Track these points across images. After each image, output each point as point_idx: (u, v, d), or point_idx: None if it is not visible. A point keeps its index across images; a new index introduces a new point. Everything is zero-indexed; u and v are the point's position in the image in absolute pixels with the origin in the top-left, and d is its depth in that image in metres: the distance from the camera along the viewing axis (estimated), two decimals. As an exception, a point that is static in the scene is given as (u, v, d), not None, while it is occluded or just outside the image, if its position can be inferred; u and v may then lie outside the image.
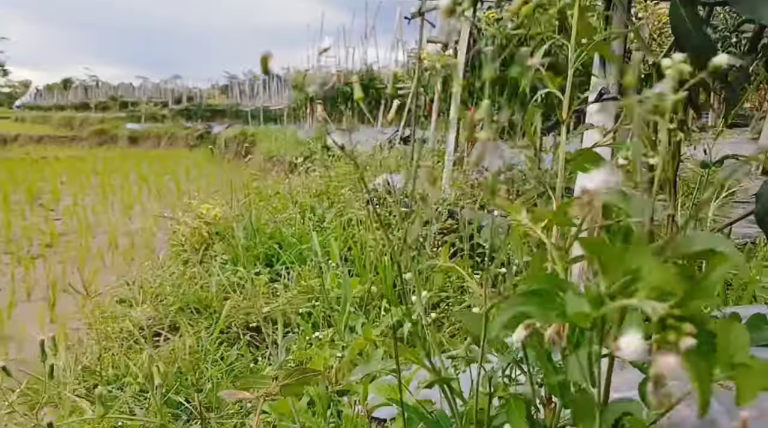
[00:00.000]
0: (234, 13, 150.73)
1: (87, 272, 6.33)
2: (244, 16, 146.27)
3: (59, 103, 39.56)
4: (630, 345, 0.55)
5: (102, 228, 8.70)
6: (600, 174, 0.67)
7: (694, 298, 0.60)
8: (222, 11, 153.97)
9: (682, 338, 0.56)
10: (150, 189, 12.41)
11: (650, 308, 0.57)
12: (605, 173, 0.67)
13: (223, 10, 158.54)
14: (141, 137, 24.50)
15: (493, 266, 1.58)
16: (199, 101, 34.73)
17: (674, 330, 0.57)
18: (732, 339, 0.72)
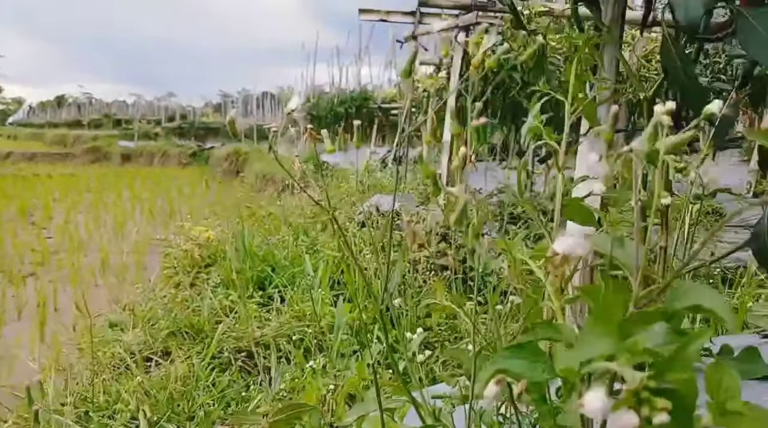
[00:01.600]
0: (229, 31, 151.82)
1: (78, 291, 6.30)
2: (240, 35, 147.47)
3: (52, 121, 39.51)
4: (593, 403, 0.55)
5: (94, 246, 8.66)
6: (569, 238, 0.68)
7: (671, 370, 0.59)
8: (217, 30, 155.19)
9: (655, 413, 0.55)
10: (142, 207, 12.37)
11: (628, 375, 0.56)
12: (575, 237, 0.67)
13: (219, 28, 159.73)
14: (134, 155, 24.46)
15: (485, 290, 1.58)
16: (192, 119, 34.74)
17: (648, 403, 0.56)
18: (723, 384, 0.71)
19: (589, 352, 0.65)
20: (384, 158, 11.17)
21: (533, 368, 0.73)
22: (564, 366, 0.66)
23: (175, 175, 19.03)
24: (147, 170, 21.44)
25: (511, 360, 0.74)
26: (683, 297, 0.69)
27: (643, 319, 0.69)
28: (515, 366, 0.74)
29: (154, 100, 38.85)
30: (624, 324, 0.67)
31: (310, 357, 2.99)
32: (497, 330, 1.39)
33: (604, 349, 0.64)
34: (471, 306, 1.50)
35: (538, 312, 1.09)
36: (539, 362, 0.73)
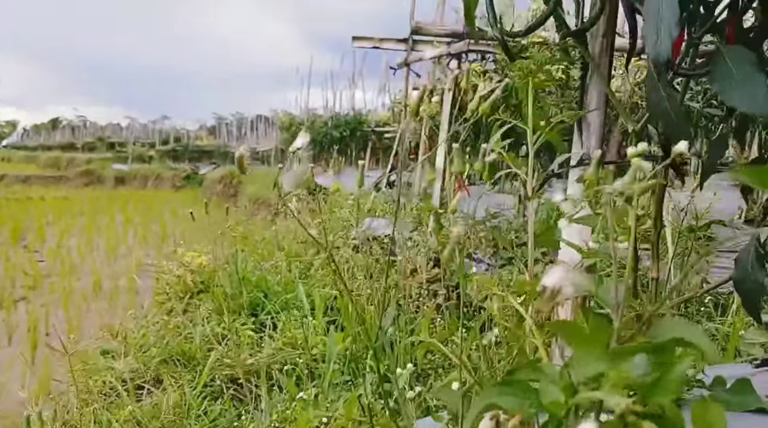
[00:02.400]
0: (224, 55, 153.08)
1: (70, 315, 6.27)
2: (235, 58, 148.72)
3: (46, 144, 39.50)
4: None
5: (86, 270, 8.63)
6: (557, 271, 0.69)
7: (655, 395, 0.60)
8: (212, 54, 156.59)
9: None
10: (135, 231, 12.35)
11: (614, 402, 0.57)
12: (562, 270, 0.68)
13: (214, 52, 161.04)
14: (127, 178, 24.45)
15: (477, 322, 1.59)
16: (186, 142, 34.78)
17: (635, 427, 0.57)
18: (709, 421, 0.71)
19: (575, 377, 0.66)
20: (377, 182, 11.18)
21: (522, 403, 0.74)
22: (550, 399, 0.67)
23: (168, 198, 19.03)
24: (140, 193, 21.43)
25: (500, 395, 0.75)
26: (665, 331, 0.70)
27: (624, 351, 0.70)
28: (505, 401, 0.74)
29: (149, 123, 38.90)
30: (605, 355, 0.68)
31: (302, 386, 2.98)
32: (483, 364, 1.40)
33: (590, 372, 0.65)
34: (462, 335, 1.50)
35: (522, 351, 1.10)
36: (527, 397, 0.74)
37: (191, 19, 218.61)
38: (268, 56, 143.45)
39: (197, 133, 39.00)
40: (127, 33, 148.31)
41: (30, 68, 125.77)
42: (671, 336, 0.69)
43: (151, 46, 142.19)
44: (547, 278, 0.73)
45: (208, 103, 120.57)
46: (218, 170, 22.56)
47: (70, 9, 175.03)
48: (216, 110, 58.00)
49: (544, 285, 0.74)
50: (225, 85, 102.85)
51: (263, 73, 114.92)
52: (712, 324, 3.36)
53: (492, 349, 1.36)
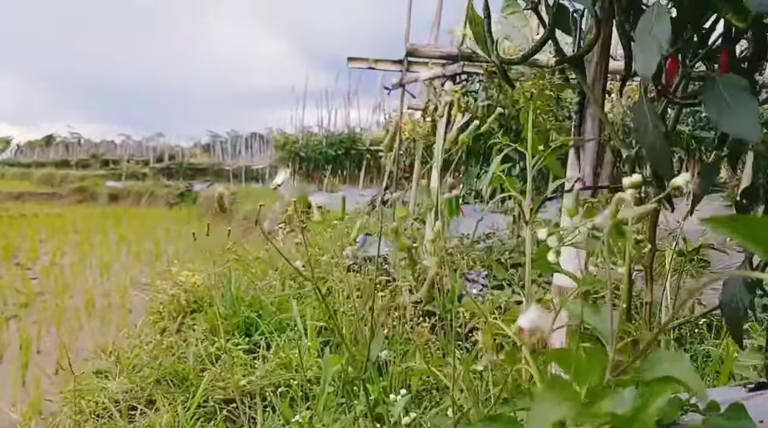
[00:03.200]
0: (220, 73, 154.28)
1: (63, 333, 6.24)
2: (230, 76, 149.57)
3: (40, 160, 39.42)
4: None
5: (79, 288, 8.61)
6: (531, 313, 0.70)
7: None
8: (208, 71, 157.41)
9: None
10: (129, 248, 12.32)
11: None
12: (535, 312, 0.70)
13: (209, 69, 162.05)
14: (121, 195, 24.42)
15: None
16: (180, 160, 34.78)
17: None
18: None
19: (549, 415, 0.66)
20: (372, 201, 11.21)
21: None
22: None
23: (162, 216, 19.00)
24: (134, 210, 21.39)
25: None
26: (656, 367, 0.71)
27: (615, 385, 0.71)
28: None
29: (143, 140, 38.89)
30: (594, 390, 0.69)
31: (296, 408, 2.97)
32: (478, 388, 1.40)
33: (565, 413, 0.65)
34: (456, 359, 1.50)
35: (514, 383, 1.11)
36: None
37: (188, 37, 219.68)
38: (263, 74, 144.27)
39: (192, 150, 39.02)
40: (125, 50, 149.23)
41: (25, 84, 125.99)
42: (660, 371, 0.70)
43: (148, 63, 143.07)
44: (522, 320, 0.74)
45: (203, 121, 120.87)
46: (212, 187, 22.56)
47: (67, 26, 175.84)
48: (211, 127, 58.06)
49: (521, 327, 0.76)
50: (220, 103, 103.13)
51: (259, 91, 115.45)
52: (706, 347, 3.37)
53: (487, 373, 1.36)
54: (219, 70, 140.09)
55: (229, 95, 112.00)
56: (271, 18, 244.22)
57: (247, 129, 35.64)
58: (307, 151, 20.23)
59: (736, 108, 1.25)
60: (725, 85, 1.28)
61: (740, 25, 1.26)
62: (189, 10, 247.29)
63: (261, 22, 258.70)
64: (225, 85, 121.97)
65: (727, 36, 1.42)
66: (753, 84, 1.37)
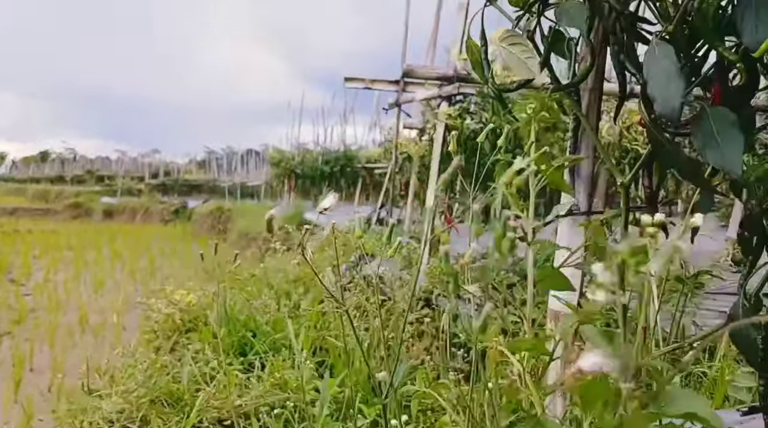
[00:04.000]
0: (216, 90, 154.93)
1: (56, 351, 6.22)
2: (227, 93, 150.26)
3: (35, 176, 39.42)
4: None
5: (73, 305, 8.58)
6: (594, 356, 0.70)
7: None
8: (204, 87, 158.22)
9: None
10: (123, 264, 12.30)
11: None
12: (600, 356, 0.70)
13: (206, 87, 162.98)
14: (116, 211, 24.39)
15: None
16: (176, 176, 34.81)
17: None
18: None
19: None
20: (368, 219, 11.21)
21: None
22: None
23: (157, 232, 18.98)
24: (129, 226, 21.37)
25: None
26: (675, 404, 0.73)
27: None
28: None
29: (139, 156, 38.95)
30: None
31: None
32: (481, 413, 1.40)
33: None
34: (454, 379, 1.50)
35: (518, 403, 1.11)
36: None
37: (186, 54, 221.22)
38: (260, 91, 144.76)
39: (187, 166, 39.08)
40: (123, 66, 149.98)
41: (22, 100, 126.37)
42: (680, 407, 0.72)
43: (145, 79, 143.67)
44: (584, 362, 0.74)
45: (199, 137, 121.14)
46: (207, 204, 22.56)
47: (64, 41, 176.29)
48: (207, 143, 58.14)
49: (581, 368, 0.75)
50: (217, 119, 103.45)
51: (255, 107, 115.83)
52: (700, 369, 3.37)
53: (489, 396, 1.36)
54: (216, 86, 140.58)
55: (226, 112, 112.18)
56: (268, 37, 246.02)
57: (243, 145, 35.75)
58: (303, 168, 20.28)
59: (723, 142, 1.28)
60: (714, 118, 1.31)
61: (732, 58, 1.29)
62: (187, 27, 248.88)
63: (259, 40, 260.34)
64: (222, 102, 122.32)
65: (720, 66, 1.45)
66: (743, 117, 1.39)
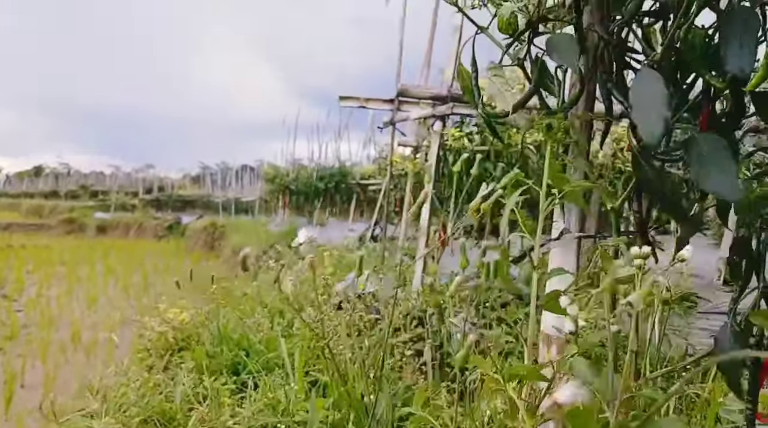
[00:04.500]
0: (212, 106, 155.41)
1: (48, 367, 6.19)
2: (222, 109, 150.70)
3: (29, 191, 39.33)
4: None
5: (65, 321, 8.55)
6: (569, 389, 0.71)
7: None
8: (201, 103, 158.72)
9: None
10: (117, 280, 12.27)
11: None
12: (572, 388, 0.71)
13: (202, 102, 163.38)
14: (109, 227, 24.33)
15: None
16: (170, 191, 34.79)
17: None
18: None
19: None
20: (362, 236, 11.24)
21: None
22: None
23: (150, 248, 18.93)
24: (122, 242, 21.32)
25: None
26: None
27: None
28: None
29: (133, 171, 38.94)
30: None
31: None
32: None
33: None
34: (448, 399, 1.51)
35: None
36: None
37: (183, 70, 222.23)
38: (256, 107, 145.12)
39: (181, 182, 39.07)
40: (119, 82, 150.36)
41: (16, 115, 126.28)
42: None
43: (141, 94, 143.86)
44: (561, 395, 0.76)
45: (194, 152, 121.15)
46: (201, 220, 22.53)
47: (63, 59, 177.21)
48: (202, 158, 58.16)
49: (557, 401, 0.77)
50: (212, 135, 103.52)
51: (251, 123, 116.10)
52: (693, 391, 3.37)
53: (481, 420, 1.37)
54: (213, 102, 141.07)
55: (222, 127, 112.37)
56: (264, 54, 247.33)
57: (238, 161, 35.76)
58: (297, 184, 20.30)
59: (717, 168, 1.30)
60: (705, 144, 1.33)
61: (719, 86, 1.31)
62: (184, 45, 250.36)
63: (255, 57, 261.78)
64: (218, 118, 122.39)
65: (707, 93, 1.47)
66: (732, 142, 1.42)
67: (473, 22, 1.62)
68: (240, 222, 20.10)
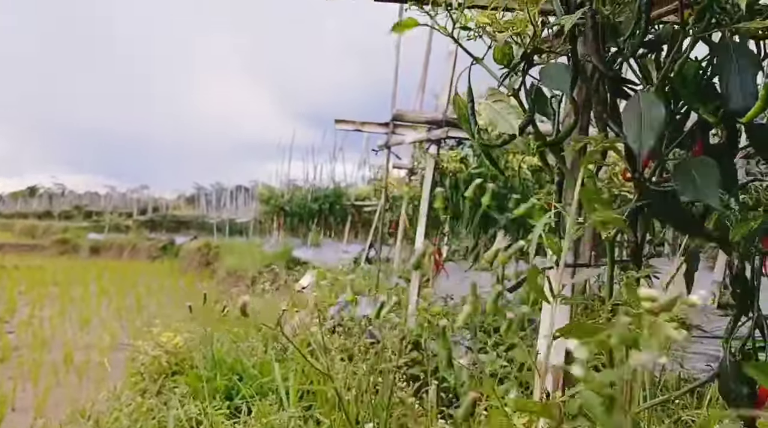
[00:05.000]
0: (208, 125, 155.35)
1: (39, 390, 6.14)
2: (218, 128, 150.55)
3: (22, 211, 39.22)
4: None
5: (57, 342, 8.49)
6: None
7: None
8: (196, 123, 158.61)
9: None
10: (110, 301, 12.21)
11: None
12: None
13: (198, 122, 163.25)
14: (103, 248, 24.24)
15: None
16: (164, 212, 34.74)
17: None
18: None
19: None
20: (357, 258, 11.24)
21: None
22: None
23: (144, 269, 18.86)
24: (116, 263, 21.24)
25: None
26: None
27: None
28: None
29: (128, 192, 38.92)
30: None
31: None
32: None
33: None
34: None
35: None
36: None
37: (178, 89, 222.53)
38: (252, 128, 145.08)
39: (176, 202, 39.03)
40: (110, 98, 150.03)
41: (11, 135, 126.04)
42: None
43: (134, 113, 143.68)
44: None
45: (189, 173, 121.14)
46: (195, 241, 22.48)
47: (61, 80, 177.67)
48: (197, 179, 58.14)
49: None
50: (208, 155, 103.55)
51: (246, 144, 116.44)
52: (689, 416, 3.37)
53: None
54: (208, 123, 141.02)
55: (217, 147, 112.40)
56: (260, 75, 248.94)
57: (233, 181, 35.77)
58: (292, 205, 20.30)
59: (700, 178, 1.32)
60: (694, 163, 1.36)
61: (711, 121, 1.32)
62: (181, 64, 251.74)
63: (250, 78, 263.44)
64: (213, 138, 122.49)
65: (701, 125, 1.48)
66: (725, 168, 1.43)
67: (468, 53, 1.64)
68: (234, 243, 20.05)
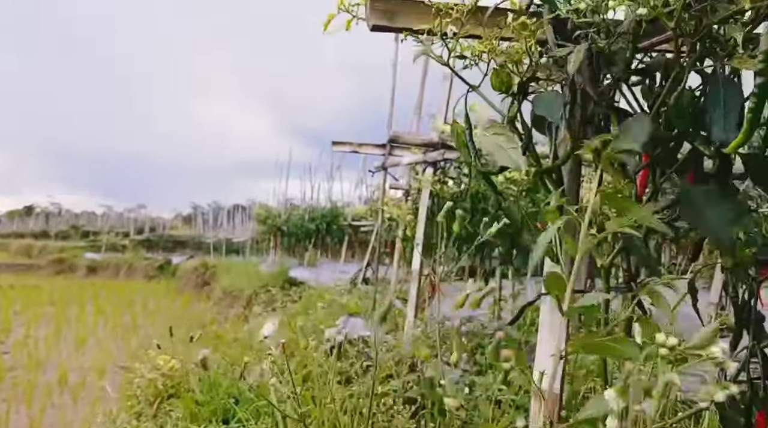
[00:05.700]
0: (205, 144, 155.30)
1: (33, 411, 6.10)
2: (215, 147, 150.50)
3: (19, 231, 39.14)
4: None
5: (52, 363, 8.45)
6: None
7: None
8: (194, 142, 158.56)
9: None
10: (106, 321, 12.16)
11: None
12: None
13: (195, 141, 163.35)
14: (100, 267, 24.19)
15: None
16: (161, 232, 34.70)
17: None
18: None
19: None
20: (354, 279, 11.21)
21: None
22: None
23: (140, 289, 18.81)
24: (112, 283, 21.18)
25: None
26: None
27: None
28: None
29: (124, 211, 38.90)
30: None
31: None
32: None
33: None
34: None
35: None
36: None
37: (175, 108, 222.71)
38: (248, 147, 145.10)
39: (172, 222, 39.03)
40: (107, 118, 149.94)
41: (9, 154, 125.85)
42: None
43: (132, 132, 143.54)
44: None
45: (186, 192, 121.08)
46: (191, 260, 22.44)
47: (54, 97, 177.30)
48: (194, 198, 58.18)
49: None
50: (205, 174, 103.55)
51: (243, 163, 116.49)
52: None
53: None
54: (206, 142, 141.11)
55: (214, 166, 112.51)
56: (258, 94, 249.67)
57: (230, 201, 35.78)
58: (289, 225, 20.27)
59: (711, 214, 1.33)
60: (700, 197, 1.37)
61: (706, 153, 1.34)
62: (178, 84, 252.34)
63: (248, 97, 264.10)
64: (210, 157, 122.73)
65: (695, 155, 1.49)
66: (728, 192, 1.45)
67: (464, 82, 1.65)
68: (231, 263, 20.01)
